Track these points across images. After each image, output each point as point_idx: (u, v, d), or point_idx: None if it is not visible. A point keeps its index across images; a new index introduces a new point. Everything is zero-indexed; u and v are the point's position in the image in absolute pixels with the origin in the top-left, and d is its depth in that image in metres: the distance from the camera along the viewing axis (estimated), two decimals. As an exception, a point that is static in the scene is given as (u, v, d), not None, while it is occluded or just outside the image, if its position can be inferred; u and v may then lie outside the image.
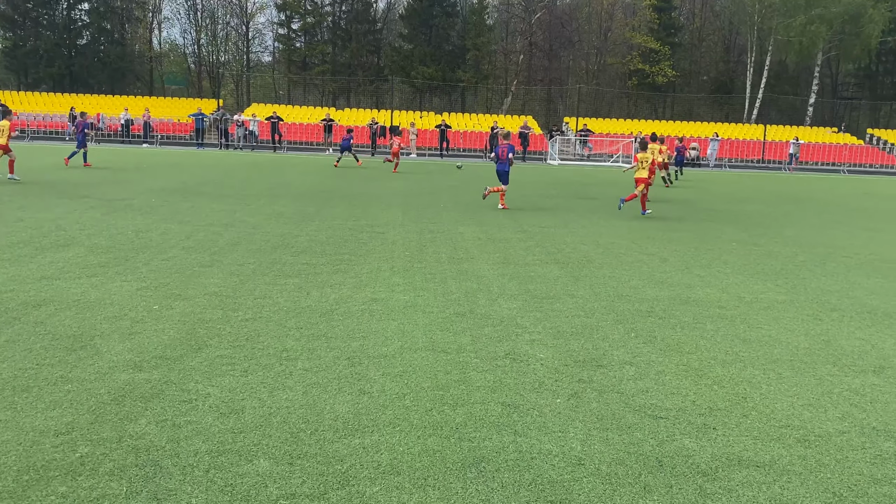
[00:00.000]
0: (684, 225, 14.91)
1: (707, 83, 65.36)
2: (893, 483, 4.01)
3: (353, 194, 18.26)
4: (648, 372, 5.67)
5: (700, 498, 3.74)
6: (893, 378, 5.77)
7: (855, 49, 54.42)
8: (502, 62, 66.22)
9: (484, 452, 4.17)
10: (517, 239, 12.10)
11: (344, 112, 51.73)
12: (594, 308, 7.64)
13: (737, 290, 8.79)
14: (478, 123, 50.19)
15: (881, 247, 12.94)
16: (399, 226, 13.06)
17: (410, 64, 57.90)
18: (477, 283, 8.63)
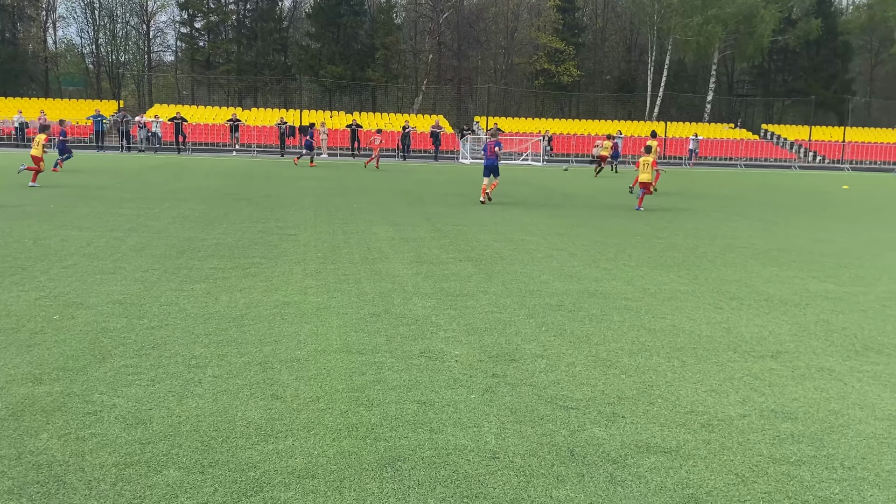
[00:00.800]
0: (591, 220, 15.28)
1: (610, 82, 67.13)
2: (791, 462, 4.22)
3: (262, 196, 17.94)
4: (559, 364, 5.79)
5: (611, 485, 3.85)
6: (789, 362, 6.07)
7: (749, 48, 56.90)
8: (412, 61, 66.33)
9: (400, 451, 4.17)
10: (431, 238, 12.14)
11: (251, 112, 50.75)
12: (506, 304, 7.74)
13: (641, 282, 9.07)
14: (389, 123, 50.10)
15: (776, 238, 13.59)
16: (311, 227, 12.92)
17: (319, 63, 57.28)
18: (391, 282, 8.62)
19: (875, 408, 5.09)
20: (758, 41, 55.76)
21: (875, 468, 4.16)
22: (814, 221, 16.43)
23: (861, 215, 18.17)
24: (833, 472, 4.09)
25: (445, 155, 44.20)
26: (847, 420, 4.85)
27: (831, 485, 3.94)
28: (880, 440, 4.55)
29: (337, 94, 62.05)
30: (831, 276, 9.87)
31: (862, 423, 4.82)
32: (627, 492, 3.79)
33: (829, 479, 4.00)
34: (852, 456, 4.31)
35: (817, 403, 5.14)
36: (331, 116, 50.07)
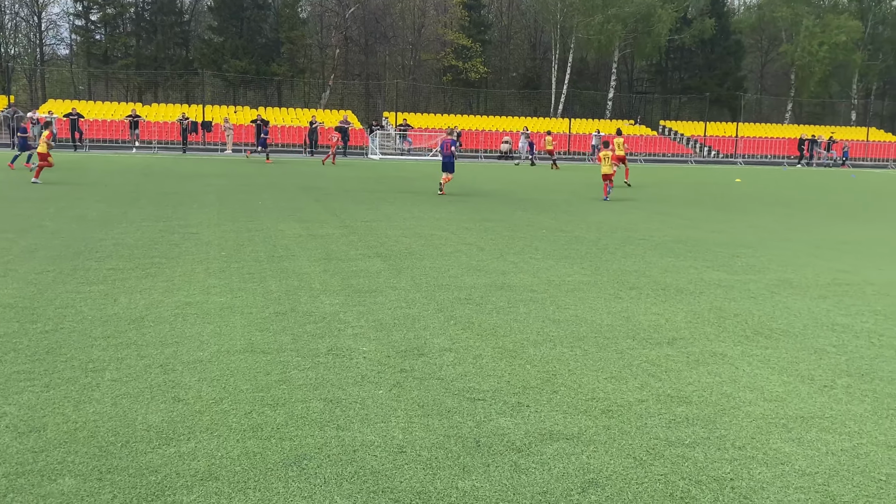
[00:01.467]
0: (499, 215, 15.49)
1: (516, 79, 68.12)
2: (685, 444, 4.40)
3: (164, 193, 17.41)
4: (467, 357, 5.87)
5: (515, 474, 3.93)
6: (684, 348, 6.33)
7: (647, 47, 58.75)
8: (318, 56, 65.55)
9: (306, 450, 4.15)
10: (339, 234, 12.06)
11: (152, 108, 49.10)
12: (415, 299, 7.78)
13: (547, 274, 9.27)
14: (296, 118, 49.38)
15: (673, 229, 14.11)
16: (214, 225, 12.62)
17: (222, 57, 55.88)
18: (298, 280, 8.53)
19: (764, 390, 5.36)
20: (655, 40, 57.63)
21: (763, 447, 4.39)
22: (708, 213, 17.14)
23: (752, 207, 19.07)
24: (724, 453, 4.30)
25: (354, 150, 43.91)
26: (738, 402, 5.10)
27: (723, 465, 4.14)
28: (768, 420, 4.80)
29: (241, 89, 60.69)
30: (724, 265, 10.33)
31: (751, 404, 5.07)
32: (531, 479, 3.88)
33: (721, 460, 4.20)
34: (742, 436, 4.54)
35: (710, 387, 5.38)
36: (235, 112, 48.94)
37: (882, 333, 6.94)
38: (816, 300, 8.26)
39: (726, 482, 3.93)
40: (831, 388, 5.44)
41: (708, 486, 3.87)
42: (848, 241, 13.18)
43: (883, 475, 4.07)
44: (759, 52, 70.92)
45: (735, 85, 62.93)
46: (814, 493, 3.84)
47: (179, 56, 59.82)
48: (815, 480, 3.98)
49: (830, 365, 5.96)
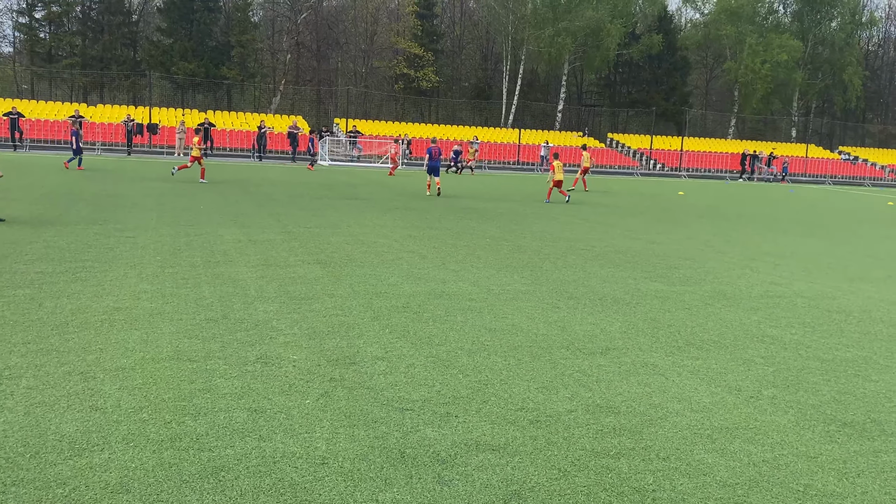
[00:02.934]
0: (444, 223, 15.47)
1: (468, 89, 68.41)
2: (611, 455, 4.41)
3: (103, 196, 16.97)
4: (399, 366, 5.80)
5: (438, 486, 3.88)
6: (617, 358, 6.36)
7: (596, 60, 59.53)
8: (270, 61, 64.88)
9: (224, 461, 4.03)
10: (280, 240, 11.89)
11: (97, 108, 47.96)
12: (352, 306, 7.69)
13: (486, 283, 9.26)
14: (245, 122, 48.76)
15: (615, 239, 14.26)
16: (152, 229, 12.33)
17: (170, 59, 54.87)
18: (233, 286, 8.36)
19: (691, 400, 5.42)
20: (604, 54, 58.45)
21: (687, 458, 4.42)
22: (650, 225, 17.39)
23: (693, 220, 19.41)
24: (649, 464, 4.31)
25: (303, 156, 43.52)
26: (665, 413, 5.14)
27: (646, 475, 4.15)
28: (694, 431, 4.84)
29: (190, 92, 59.69)
30: (662, 276, 10.47)
31: (679, 415, 5.11)
32: (453, 491, 3.83)
33: (645, 471, 4.22)
34: (667, 447, 4.56)
35: (639, 397, 5.41)
36: (183, 114, 48.11)
37: (809, 345, 7.09)
38: (748, 312, 8.41)
39: (648, 493, 3.93)
40: (757, 398, 5.52)
41: (630, 498, 3.87)
42: (783, 254, 13.49)
43: (801, 486, 4.12)
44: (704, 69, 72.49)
45: (681, 100, 64.20)
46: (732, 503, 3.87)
47: (126, 57, 58.56)
48: (736, 491, 4.01)
49: (758, 376, 6.06)
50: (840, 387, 5.88)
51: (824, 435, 4.87)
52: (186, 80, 55.08)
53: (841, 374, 6.20)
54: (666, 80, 63.72)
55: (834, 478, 4.24)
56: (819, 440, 4.78)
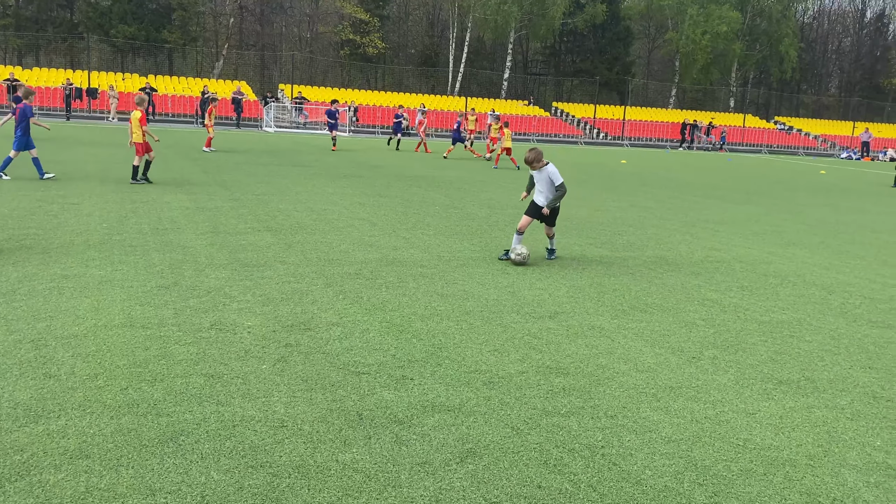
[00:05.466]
0: (393, 190, 15.49)
1: (414, 56, 67.89)
2: (561, 413, 4.58)
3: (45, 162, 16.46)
4: (354, 331, 5.88)
5: (396, 445, 3.99)
6: (565, 321, 6.55)
7: (541, 29, 59.65)
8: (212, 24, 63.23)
9: (183, 426, 4.07)
10: (229, 207, 11.77)
11: (32, 72, 46.19)
12: (304, 273, 7.71)
13: (437, 250, 9.37)
14: (187, 87, 47.60)
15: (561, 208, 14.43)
16: (96, 196, 12.07)
17: (109, 21, 53.06)
18: (183, 253, 8.30)
19: (637, 361, 5.63)
20: (549, 23, 58.59)
21: (633, 416, 4.62)
22: (594, 193, 17.68)
23: (635, 188, 19.79)
24: (598, 421, 4.49)
25: (248, 122, 42.79)
26: (612, 373, 5.34)
27: (595, 433, 4.33)
28: (639, 390, 5.05)
29: (130, 56, 57.92)
30: (606, 242, 10.72)
31: (625, 375, 5.32)
32: (411, 450, 3.95)
33: (594, 428, 4.40)
34: (615, 406, 4.76)
35: (587, 359, 5.60)
36: (123, 79, 46.70)
37: (747, 308, 7.40)
38: (689, 276, 8.71)
39: (597, 450, 4.12)
40: (699, 359, 5.76)
41: (580, 454, 4.04)
42: (721, 220, 13.90)
43: (741, 440, 4.36)
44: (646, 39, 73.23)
45: (624, 69, 64.84)
46: (678, 458, 4.08)
47: (63, 18, 56.38)
48: (680, 446, 4.22)
49: (699, 337, 6.31)
50: (776, 347, 6.17)
51: (762, 392, 5.13)
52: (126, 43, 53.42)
53: (777, 335, 6.50)
54: (609, 50, 64.24)
55: (771, 432, 4.49)
56: (757, 397, 5.04)
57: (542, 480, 3.72)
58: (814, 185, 24.87)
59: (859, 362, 5.90)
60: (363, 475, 3.67)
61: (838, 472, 4.00)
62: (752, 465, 4.03)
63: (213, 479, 3.55)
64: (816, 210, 17.12)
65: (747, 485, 3.81)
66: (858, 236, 13.08)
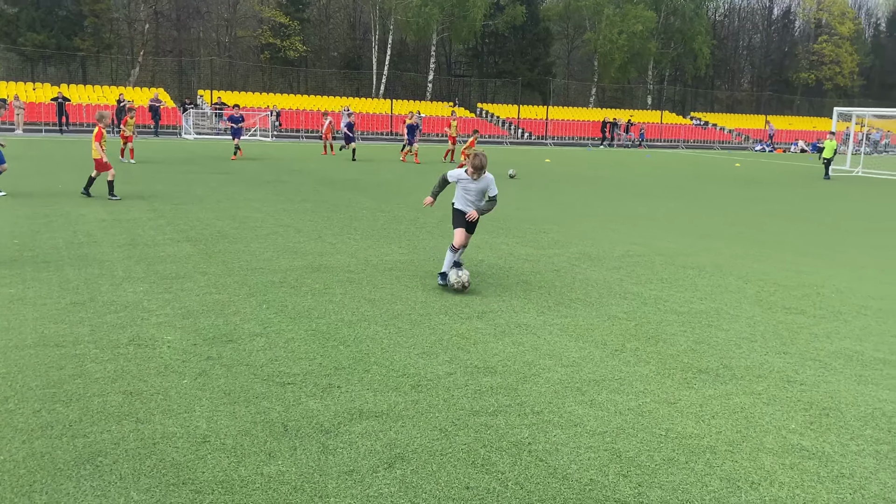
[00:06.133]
0: (319, 196, 15.33)
1: (337, 59, 67.39)
2: (489, 412, 4.60)
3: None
4: (278, 341, 5.79)
5: (322, 455, 3.94)
6: (493, 320, 6.59)
7: (463, 31, 59.98)
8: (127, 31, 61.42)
9: (101, 446, 3.93)
10: (147, 219, 11.45)
11: (-71, 82, 44.03)
12: (226, 283, 7.56)
13: (365, 254, 9.31)
14: (102, 96, 46.13)
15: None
16: (6, 210, 11.57)
17: (17, 30, 50.92)
18: (99, 268, 8.03)
19: (562, 356, 5.71)
20: (470, 24, 58.96)
21: (559, 410, 4.68)
22: (519, 192, 17.87)
23: (558, 185, 20.10)
24: (524, 418, 4.54)
25: (167, 130, 41.73)
26: (538, 369, 5.40)
27: (522, 430, 4.37)
28: (564, 385, 5.12)
29: (41, 65, 55.74)
30: (532, 240, 10.84)
31: (550, 370, 5.39)
32: (338, 459, 3.91)
33: (521, 425, 4.44)
34: (541, 402, 4.81)
35: (514, 356, 5.65)
36: (34, 89, 44.97)
37: (667, 300, 7.59)
38: (611, 271, 8.89)
39: (524, 446, 4.15)
40: (621, 351, 5.88)
41: (507, 452, 4.07)
42: (641, 215, 14.24)
43: (663, 430, 4.46)
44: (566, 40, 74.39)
45: (545, 70, 65.75)
46: (602, 450, 4.15)
47: (-36, 26, 53.91)
48: (604, 439, 4.30)
49: (621, 330, 6.44)
50: (695, 336, 6.35)
51: (682, 382, 5.27)
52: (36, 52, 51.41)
53: (696, 325, 6.69)
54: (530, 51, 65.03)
55: (692, 421, 4.61)
56: (678, 387, 5.17)
57: (470, 481, 3.73)
58: (729, 178, 25.70)
59: (774, 348, 6.12)
60: (289, 487, 3.61)
61: (756, 457, 4.14)
62: (675, 454, 4.13)
63: (133, 499, 3.44)
64: (732, 202, 17.70)
65: (670, 473, 3.90)
66: (772, 226, 13.58)
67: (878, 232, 13.55)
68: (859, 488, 3.81)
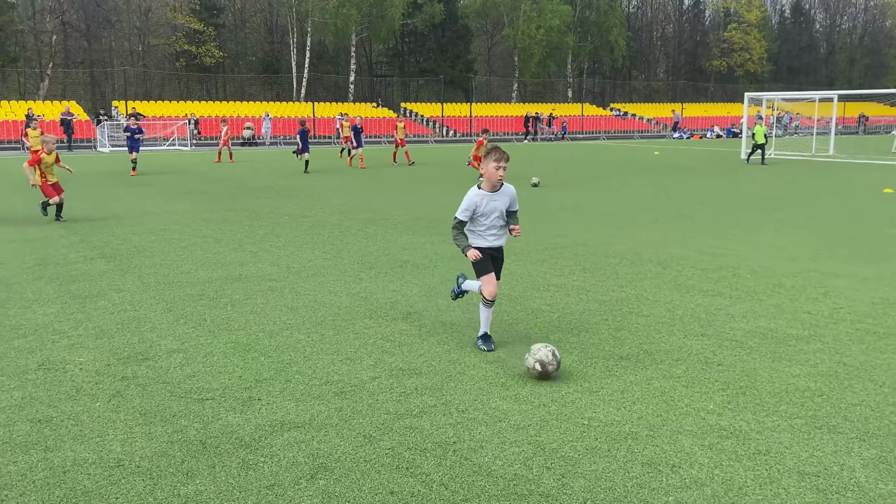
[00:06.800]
0: (240, 204, 15.04)
1: (255, 63, 66.37)
2: (414, 414, 4.56)
3: None
4: (196, 356, 5.63)
5: (243, 471, 3.84)
6: (418, 321, 6.56)
7: (382, 31, 59.86)
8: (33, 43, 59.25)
9: (6, 479, 3.74)
10: (58, 236, 11.04)
11: None
12: (142, 300, 7.33)
13: (287, 262, 9.16)
14: (10, 111, 44.31)
15: (412, 207, 14.57)
16: None
17: None
18: (7, 291, 7.69)
19: (486, 353, 5.71)
20: (389, 24, 58.89)
21: (484, 407, 4.67)
22: (446, 189, 17.92)
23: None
24: (449, 417, 4.52)
25: (81, 144, 40.36)
26: (463, 367, 5.39)
27: (447, 429, 4.35)
28: (489, 381, 5.12)
29: (-61, 81, 53.29)
30: (458, 239, 10.84)
31: (475, 367, 5.38)
32: (259, 473, 3.81)
33: (446, 425, 4.41)
34: (466, 400, 4.80)
35: (440, 356, 5.63)
36: (-68, 106, 42.91)
37: (588, 289, 7.69)
38: (535, 264, 8.97)
39: (449, 446, 4.13)
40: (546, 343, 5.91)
41: (432, 453, 4.04)
42: (564, 207, 14.43)
43: (586, 419, 4.50)
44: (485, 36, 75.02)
45: (466, 67, 66.13)
46: (526, 444, 4.16)
47: None
48: (528, 432, 4.31)
49: (545, 322, 6.50)
50: (616, 324, 6.44)
51: (604, 370, 5.34)
52: (-68, 67, 49.09)
53: (617, 313, 6.79)
54: (451, 49, 65.31)
55: (614, 408, 4.67)
56: (600, 375, 5.23)
57: (394, 486, 3.69)
58: (649, 167, 26.31)
59: (693, 331, 6.26)
60: (207, 506, 3.50)
61: (676, 439, 4.21)
62: (597, 443, 4.17)
63: (40, 533, 3.28)
64: (651, 190, 18.10)
65: (592, 462, 3.93)
66: (688, 210, 13.94)
67: (790, 212, 14.05)
68: (775, 464, 3.92)
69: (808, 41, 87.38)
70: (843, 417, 4.50)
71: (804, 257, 9.46)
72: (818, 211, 14.12)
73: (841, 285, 7.88)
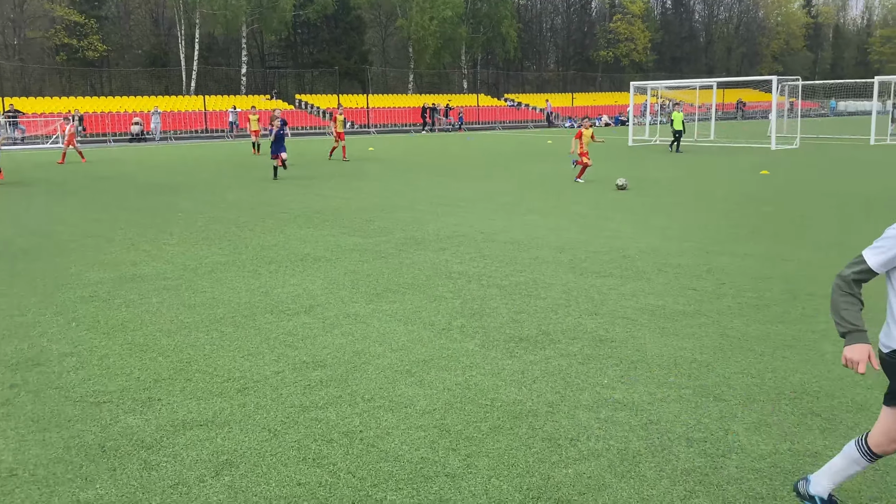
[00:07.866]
0: (132, 202, 14.52)
1: (142, 57, 63.85)
2: (319, 406, 4.58)
3: None
4: (91, 359, 5.45)
5: (144, 472, 3.77)
6: (321, 314, 6.55)
7: (273, 22, 58.67)
8: None
9: None
10: (-69, 243, 10.37)
11: None
12: (30, 304, 7.01)
13: (182, 259, 8.94)
14: None
15: (310, 200, 14.43)
16: None
17: None
18: None
19: (391, 341, 5.77)
20: (281, 15, 57.80)
21: (390, 395, 4.74)
22: (345, 182, 17.82)
23: (380, 174, 20.23)
24: (355, 407, 4.55)
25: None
26: (368, 357, 5.43)
27: (353, 419, 4.39)
28: (394, 370, 5.18)
29: None
30: (358, 230, 10.86)
31: (380, 357, 5.44)
32: (162, 473, 3.75)
33: (352, 414, 4.45)
34: (371, 388, 4.85)
35: (344, 347, 5.65)
36: None
37: (489, 275, 7.86)
38: (437, 253, 9.08)
39: (356, 435, 4.17)
40: (448, 329, 6.03)
41: (339, 443, 4.08)
42: (463, 197, 14.62)
43: (489, 400, 4.63)
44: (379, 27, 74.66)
45: (361, 58, 65.66)
46: (432, 428, 4.25)
47: None
48: (434, 417, 4.40)
49: (448, 309, 6.61)
50: (516, 307, 6.62)
51: (505, 352, 5.49)
52: None
53: (516, 297, 6.98)
54: (345, 40, 64.67)
55: (515, 388, 4.82)
56: (501, 357, 5.38)
57: (301, 477, 3.70)
58: (542, 155, 26.93)
59: (587, 311, 6.51)
60: (109, 510, 3.43)
61: (574, 414, 4.39)
62: (500, 422, 4.30)
63: (-72, 551, 3.14)
64: (546, 178, 18.55)
65: (496, 441, 4.06)
66: (584, 196, 14.38)
67: (677, 194, 14.69)
68: (666, 432, 4.15)
69: (689, 31, 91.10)
70: (727, 386, 4.80)
71: (689, 237, 9.94)
72: (702, 192, 14.83)
73: (723, 262, 8.34)
